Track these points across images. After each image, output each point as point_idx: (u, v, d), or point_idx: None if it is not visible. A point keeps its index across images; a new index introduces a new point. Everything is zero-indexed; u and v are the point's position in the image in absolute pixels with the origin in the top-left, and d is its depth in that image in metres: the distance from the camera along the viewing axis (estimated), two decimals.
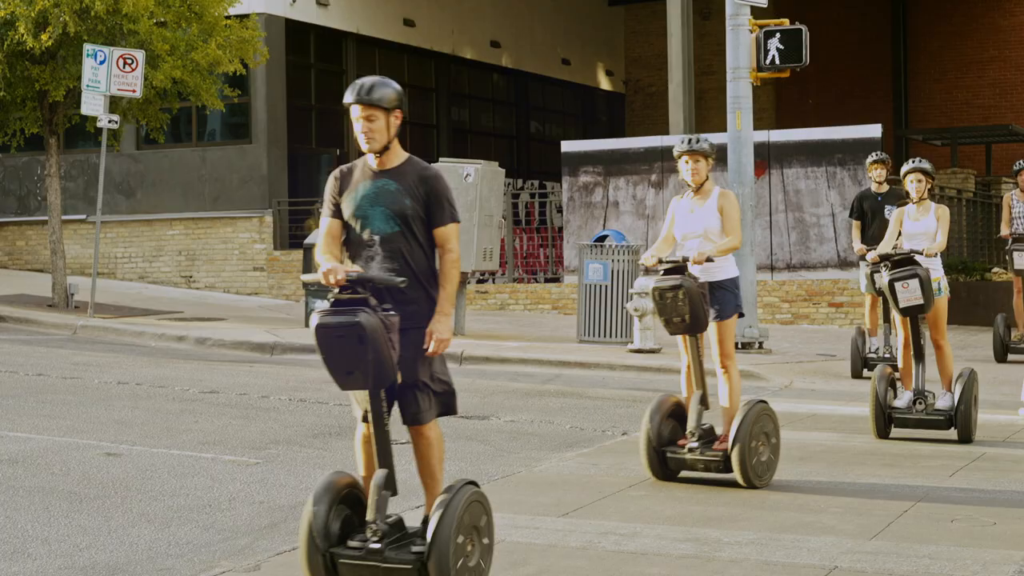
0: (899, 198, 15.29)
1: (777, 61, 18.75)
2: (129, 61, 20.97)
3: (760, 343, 18.54)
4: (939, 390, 11.94)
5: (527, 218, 29.82)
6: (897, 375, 11.96)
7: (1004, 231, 18.10)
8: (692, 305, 9.23)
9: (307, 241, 21.14)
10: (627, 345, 18.21)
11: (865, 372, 15.75)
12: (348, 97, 6.93)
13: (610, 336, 18.94)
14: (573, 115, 39.43)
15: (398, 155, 6.87)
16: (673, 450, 9.59)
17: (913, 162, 12.07)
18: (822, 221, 23.32)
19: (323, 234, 6.85)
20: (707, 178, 9.70)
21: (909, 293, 11.30)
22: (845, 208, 21.43)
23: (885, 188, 16.06)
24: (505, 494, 9.45)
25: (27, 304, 22.31)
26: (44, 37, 20.64)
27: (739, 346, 18.37)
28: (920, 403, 11.54)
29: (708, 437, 9.62)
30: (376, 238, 6.77)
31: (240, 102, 26.31)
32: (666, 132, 26.78)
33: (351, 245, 6.87)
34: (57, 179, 22.74)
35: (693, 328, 9.40)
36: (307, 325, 20.48)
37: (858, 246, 15.08)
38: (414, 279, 6.75)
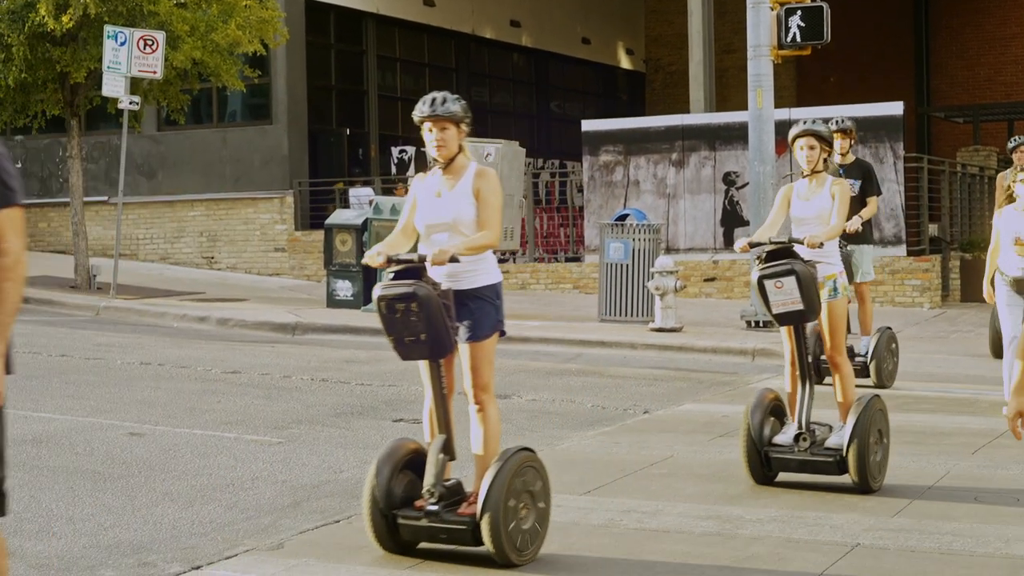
0: (865, 171, 13.99)
1: (798, 39, 18.67)
2: (149, 42, 20.99)
3: None
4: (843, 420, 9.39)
5: (547, 197, 29.81)
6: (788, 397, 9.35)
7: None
8: (431, 321, 6.90)
9: (328, 222, 21.16)
10: (648, 324, 18.19)
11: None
12: None
13: (631, 315, 18.93)
14: (593, 94, 39.37)
15: None
16: (407, 514, 7.11)
17: (804, 124, 9.32)
18: None
19: None
20: (460, 151, 7.22)
21: (784, 295, 8.75)
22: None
23: (851, 159, 13.97)
24: None
25: (50, 285, 22.39)
26: (65, 19, 20.67)
27: (759, 324, 18.32)
28: (804, 439, 8.87)
29: (453, 497, 7.17)
30: None
31: (260, 83, 26.32)
32: (687, 111, 26.71)
33: None
34: (79, 161, 22.80)
35: (433, 351, 7.03)
36: (329, 305, 20.53)
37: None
38: None
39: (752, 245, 9.02)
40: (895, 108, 23.24)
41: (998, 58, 38.09)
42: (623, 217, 20.70)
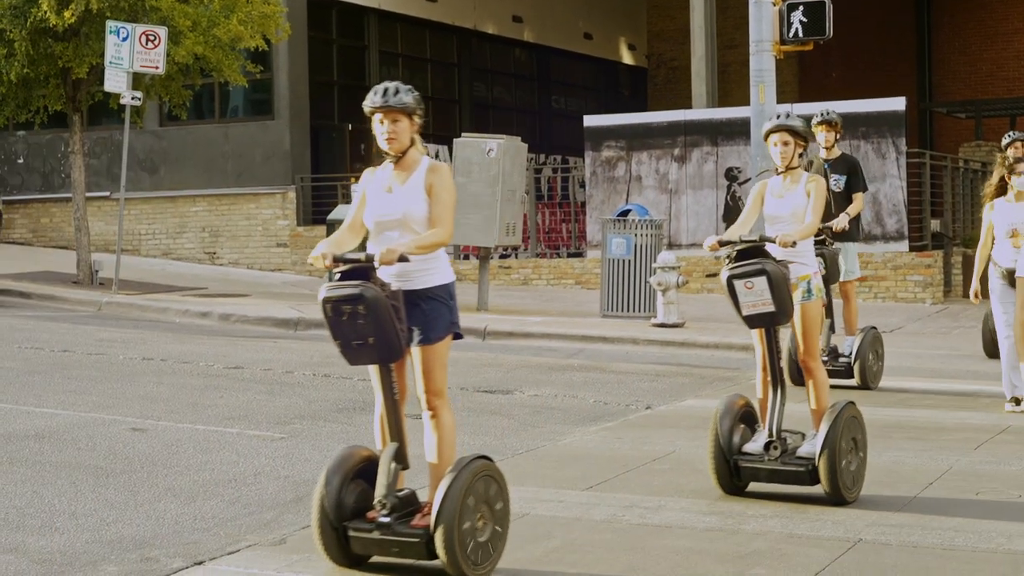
0: (851, 166, 13.64)
1: (800, 34, 18.67)
2: (151, 37, 20.99)
3: None
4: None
5: (549, 193, 29.80)
6: (756, 404, 8.88)
7: None
8: (379, 323, 6.55)
9: (330, 217, 21.15)
10: (650, 319, 18.19)
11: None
12: None
13: (633, 310, 18.93)
14: (595, 90, 39.32)
15: None
16: (357, 526, 6.75)
17: (777, 119, 8.84)
18: None
19: None
20: (412, 144, 6.86)
21: (754, 296, 8.29)
22: (871, 181, 21.32)
23: (836, 153, 13.57)
24: (529, 468, 9.47)
25: (52, 281, 22.40)
26: (67, 14, 20.66)
27: None
28: (775, 447, 8.42)
29: (406, 508, 6.81)
30: None
31: (262, 78, 26.30)
32: (689, 106, 26.69)
33: None
34: (81, 156, 22.80)
35: (383, 355, 6.71)
36: None
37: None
38: None
39: (722, 243, 8.52)
40: (897, 103, 23.23)
41: (1000, 53, 38.04)
42: (625, 213, 20.73)
